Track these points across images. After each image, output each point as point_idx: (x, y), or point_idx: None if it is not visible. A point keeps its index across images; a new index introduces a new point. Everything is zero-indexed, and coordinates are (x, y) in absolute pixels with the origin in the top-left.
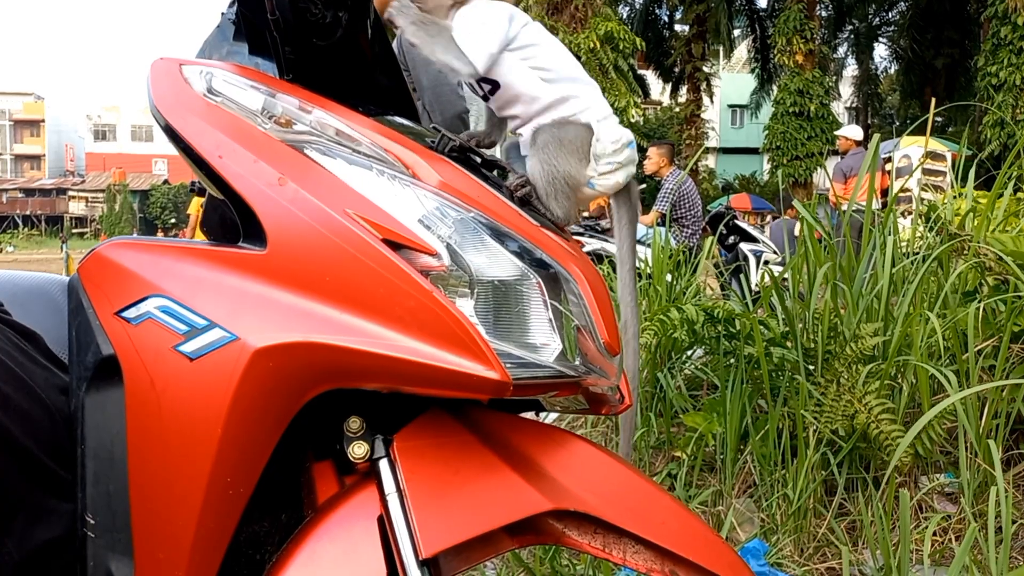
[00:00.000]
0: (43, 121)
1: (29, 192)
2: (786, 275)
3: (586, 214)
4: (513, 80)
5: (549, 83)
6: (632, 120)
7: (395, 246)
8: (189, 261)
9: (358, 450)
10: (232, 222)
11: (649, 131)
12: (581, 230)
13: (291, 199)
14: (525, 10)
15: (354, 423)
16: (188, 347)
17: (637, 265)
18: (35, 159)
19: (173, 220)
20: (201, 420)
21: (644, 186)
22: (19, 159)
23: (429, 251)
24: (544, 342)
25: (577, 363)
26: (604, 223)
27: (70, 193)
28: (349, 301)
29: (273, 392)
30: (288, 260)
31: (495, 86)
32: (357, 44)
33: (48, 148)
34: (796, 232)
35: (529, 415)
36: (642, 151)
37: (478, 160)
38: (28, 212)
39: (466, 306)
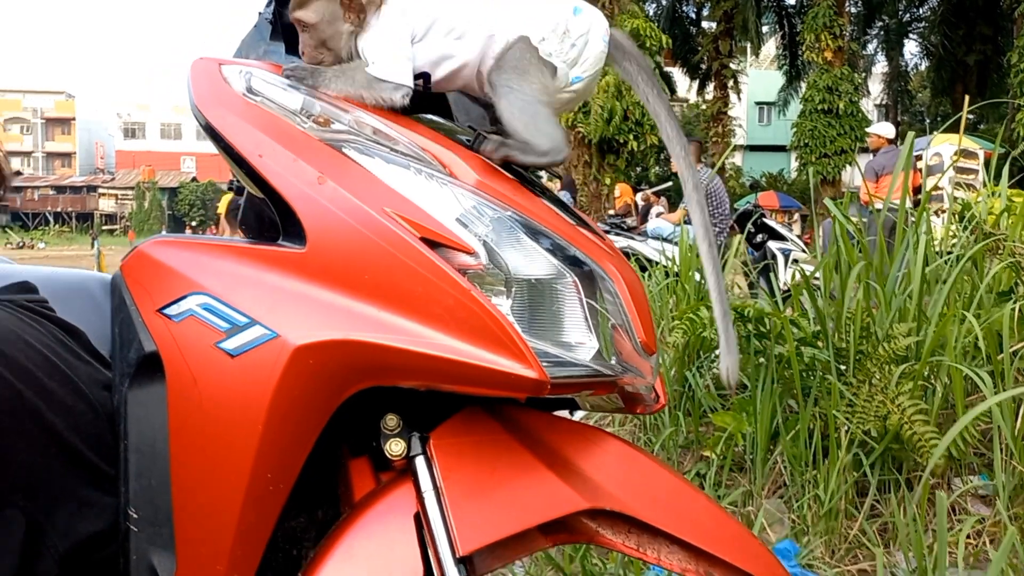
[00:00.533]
0: (74, 119)
1: (60, 189)
2: (817, 274)
3: (612, 212)
4: (435, 61)
5: (463, 38)
6: None
7: (433, 244)
8: (229, 259)
9: (395, 447)
10: (271, 220)
11: None
12: (607, 227)
13: (330, 198)
14: None
15: (391, 420)
16: (229, 344)
17: (664, 263)
18: (66, 157)
19: (201, 217)
20: (242, 416)
21: (670, 183)
22: (51, 156)
23: (467, 249)
24: (580, 341)
25: (613, 362)
26: (630, 220)
27: (100, 190)
28: (388, 299)
29: (313, 389)
30: (327, 258)
31: (426, 77)
32: None
33: (79, 146)
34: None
35: (562, 413)
36: None
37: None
38: (59, 209)
39: (503, 304)
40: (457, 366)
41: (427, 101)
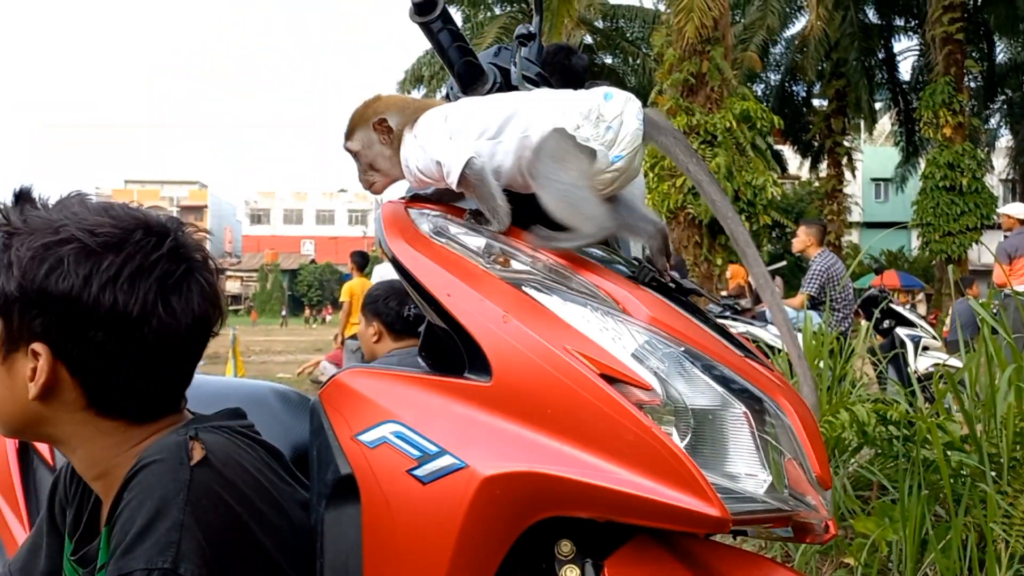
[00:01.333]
0: (206, 207)
1: None
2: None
3: (724, 293)
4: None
5: (500, 138)
6: (771, 197)
7: (611, 380)
8: (420, 389)
9: (570, 574)
10: (453, 350)
11: (788, 206)
12: (720, 309)
13: (514, 335)
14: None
15: (565, 546)
16: (421, 472)
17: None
18: None
19: (319, 297)
20: (432, 542)
21: (784, 263)
22: None
23: (644, 385)
24: (751, 473)
25: (786, 494)
26: (744, 302)
27: (227, 273)
28: (570, 433)
29: (498, 518)
30: (512, 392)
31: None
32: None
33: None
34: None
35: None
36: (781, 227)
37: (673, 286)
38: None
39: (676, 435)
40: (639, 501)
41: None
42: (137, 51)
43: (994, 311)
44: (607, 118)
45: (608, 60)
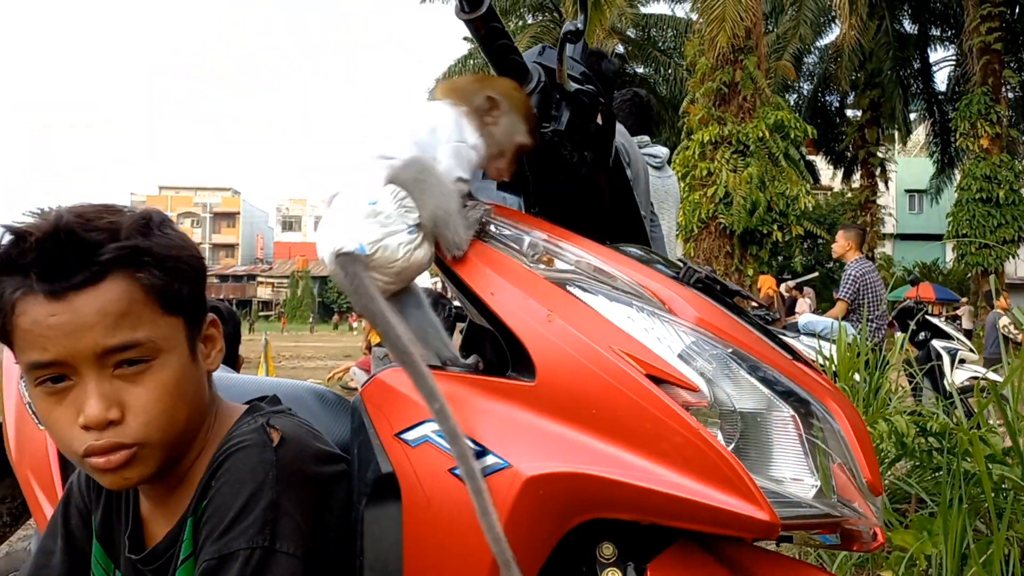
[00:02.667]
0: (238, 213)
1: (223, 278)
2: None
3: (754, 304)
4: None
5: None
6: (804, 208)
7: (657, 381)
8: (462, 388)
9: None
10: (498, 350)
11: (820, 217)
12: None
13: (558, 335)
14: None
15: (607, 549)
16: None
17: (822, 363)
18: (230, 248)
19: (348, 304)
20: (474, 542)
21: (815, 275)
22: (216, 248)
23: (691, 386)
24: (798, 477)
25: (835, 499)
26: (774, 312)
27: (259, 279)
28: (615, 434)
29: (541, 518)
30: (556, 392)
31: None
32: (597, 180)
33: (242, 238)
34: (1000, 325)
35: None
36: (813, 237)
37: (718, 287)
38: (221, 296)
39: (723, 437)
40: (685, 504)
41: (628, 232)
42: (138, 52)
43: None
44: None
45: (640, 69)
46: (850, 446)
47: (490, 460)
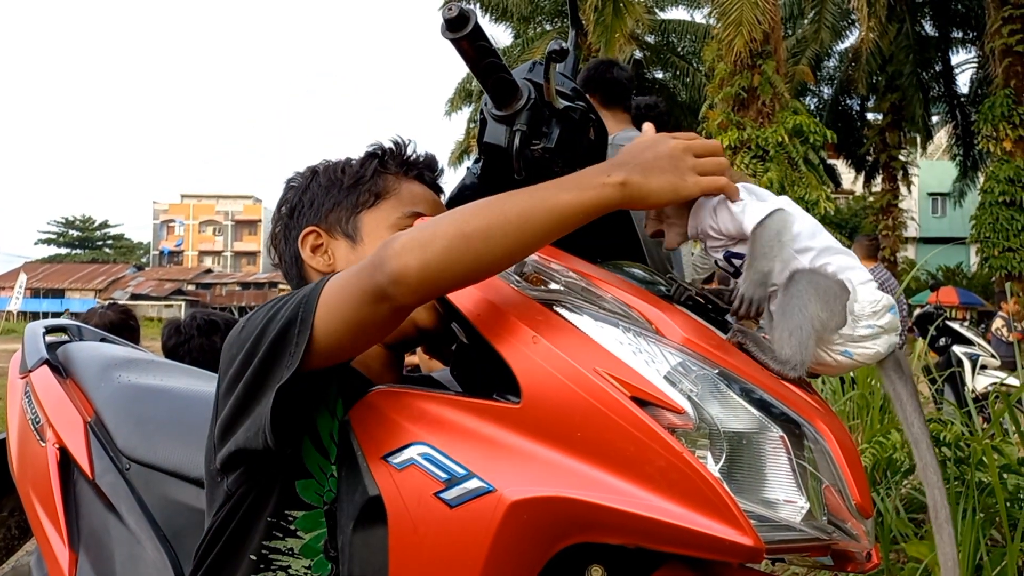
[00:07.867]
0: (260, 221)
1: (245, 285)
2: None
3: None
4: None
5: (803, 253)
6: (824, 212)
7: (642, 403)
8: (449, 410)
9: None
10: (483, 370)
11: (841, 222)
12: None
13: (544, 356)
14: (710, 107)
15: (596, 572)
16: (448, 495)
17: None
18: (252, 255)
19: None
20: (459, 566)
21: None
22: (238, 255)
23: (676, 408)
24: (788, 499)
25: (824, 521)
26: None
27: (279, 286)
28: (599, 457)
29: (526, 543)
30: (541, 414)
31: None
32: None
33: (263, 245)
34: (993, 328)
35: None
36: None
37: (710, 306)
38: (243, 303)
39: (709, 461)
40: (669, 528)
41: (623, 249)
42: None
43: None
44: (879, 322)
45: (659, 75)
46: (840, 468)
47: (475, 484)
